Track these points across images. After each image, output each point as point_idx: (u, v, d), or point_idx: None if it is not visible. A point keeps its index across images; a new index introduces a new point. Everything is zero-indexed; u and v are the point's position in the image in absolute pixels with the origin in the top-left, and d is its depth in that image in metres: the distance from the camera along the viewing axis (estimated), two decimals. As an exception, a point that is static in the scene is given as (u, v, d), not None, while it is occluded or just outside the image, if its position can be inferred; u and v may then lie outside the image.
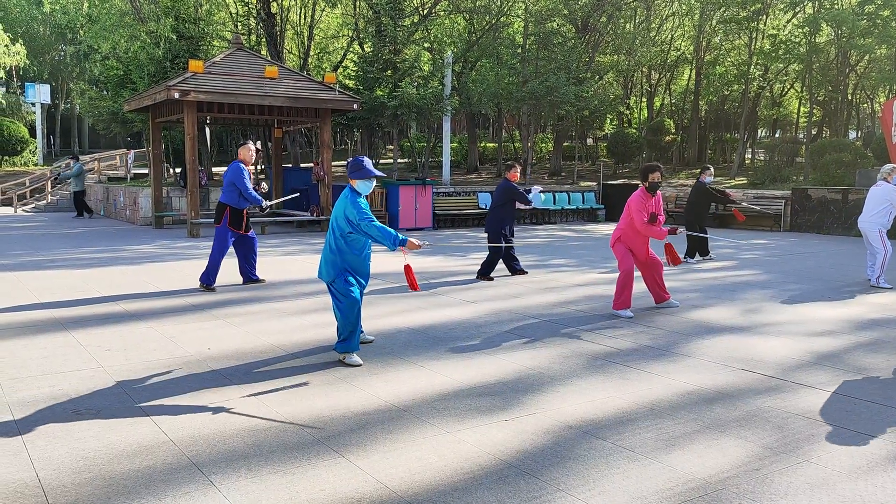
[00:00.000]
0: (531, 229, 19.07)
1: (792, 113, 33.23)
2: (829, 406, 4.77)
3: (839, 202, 17.83)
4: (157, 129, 18.52)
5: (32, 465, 3.69)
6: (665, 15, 31.64)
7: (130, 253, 12.68)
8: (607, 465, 3.77)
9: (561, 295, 8.90)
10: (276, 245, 14.43)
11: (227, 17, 26.54)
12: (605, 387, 5.13)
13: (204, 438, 4.07)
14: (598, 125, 33.37)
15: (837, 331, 7.04)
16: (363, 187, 5.74)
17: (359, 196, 5.74)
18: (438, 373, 5.44)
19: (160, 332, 6.65)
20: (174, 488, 3.44)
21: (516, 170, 10.14)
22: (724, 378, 5.38)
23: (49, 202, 25.54)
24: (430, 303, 8.28)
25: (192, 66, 15.80)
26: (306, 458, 3.81)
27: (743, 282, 10.10)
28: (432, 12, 24.83)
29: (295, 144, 26.85)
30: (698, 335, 6.78)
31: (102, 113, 25.38)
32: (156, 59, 19.78)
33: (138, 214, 19.02)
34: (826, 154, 21.09)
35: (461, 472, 3.67)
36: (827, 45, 24.66)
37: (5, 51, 37.13)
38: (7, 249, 13.09)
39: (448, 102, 21.51)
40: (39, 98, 37.79)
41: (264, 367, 5.56)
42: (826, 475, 3.68)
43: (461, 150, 32.42)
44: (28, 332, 6.57)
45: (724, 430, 4.29)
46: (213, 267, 8.92)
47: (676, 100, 35.17)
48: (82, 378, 5.19)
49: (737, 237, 16.91)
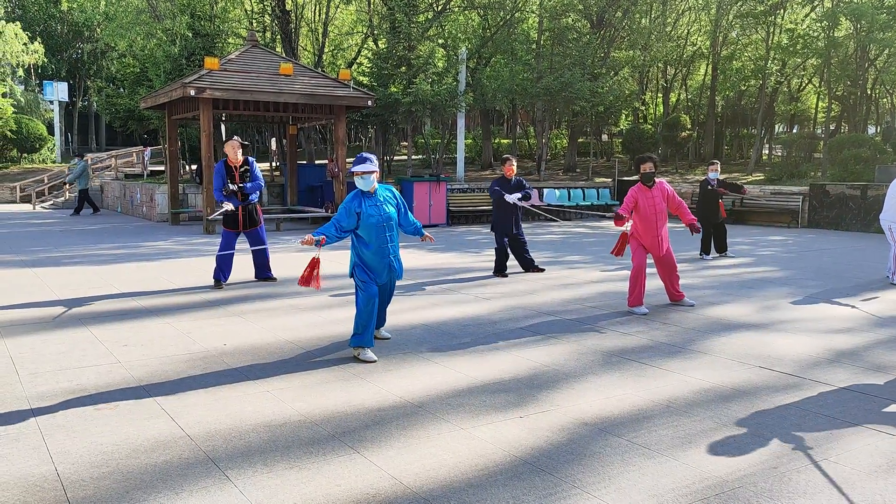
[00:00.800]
0: (546, 226, 19.01)
1: (810, 108, 32.88)
2: (848, 404, 4.72)
3: (858, 198, 17.63)
4: (173, 126, 18.64)
5: (51, 459, 3.73)
6: (681, 10, 31.37)
7: (147, 249, 12.78)
8: (623, 463, 3.75)
9: (576, 291, 8.87)
10: (292, 242, 14.48)
11: (243, 14, 26.63)
12: (620, 384, 5.10)
13: (220, 433, 4.09)
14: (614, 121, 33.13)
15: (856, 328, 6.96)
16: (360, 182, 5.70)
17: (362, 196, 5.70)
18: (453, 369, 5.44)
19: (176, 328, 6.69)
20: (191, 483, 3.47)
21: (511, 163, 9.97)
22: (741, 375, 5.34)
23: (67, 199, 25.79)
24: (445, 299, 8.28)
25: (207, 63, 15.88)
26: (321, 454, 3.82)
27: (760, 278, 10.02)
28: (446, 8, 24.78)
29: (309, 141, 26.94)
30: (715, 332, 6.73)
31: (119, 110, 25.60)
32: (172, 57, 19.90)
33: (155, 211, 19.16)
34: (844, 149, 20.86)
35: (476, 469, 3.66)
36: (846, 40, 24.36)
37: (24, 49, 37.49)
38: (26, 246, 13.24)
39: (462, 99, 21.48)
40: (57, 96, 38.13)
41: (279, 362, 5.59)
42: (845, 474, 3.64)
43: (475, 146, 32.36)
44: (46, 328, 6.64)
45: (741, 428, 4.25)
46: (217, 264, 8.93)
47: (692, 95, 34.90)
48: (100, 373, 5.23)
49: (754, 234, 16.78)
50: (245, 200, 9.01)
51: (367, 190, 5.71)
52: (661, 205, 7.64)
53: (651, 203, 7.59)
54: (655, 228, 7.64)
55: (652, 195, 7.61)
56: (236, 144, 8.90)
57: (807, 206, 18.75)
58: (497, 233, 10.17)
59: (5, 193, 27.89)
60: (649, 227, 7.63)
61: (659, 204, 7.62)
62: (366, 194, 5.72)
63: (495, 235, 10.23)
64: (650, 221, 7.60)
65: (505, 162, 10.01)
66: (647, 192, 7.61)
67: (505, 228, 10.09)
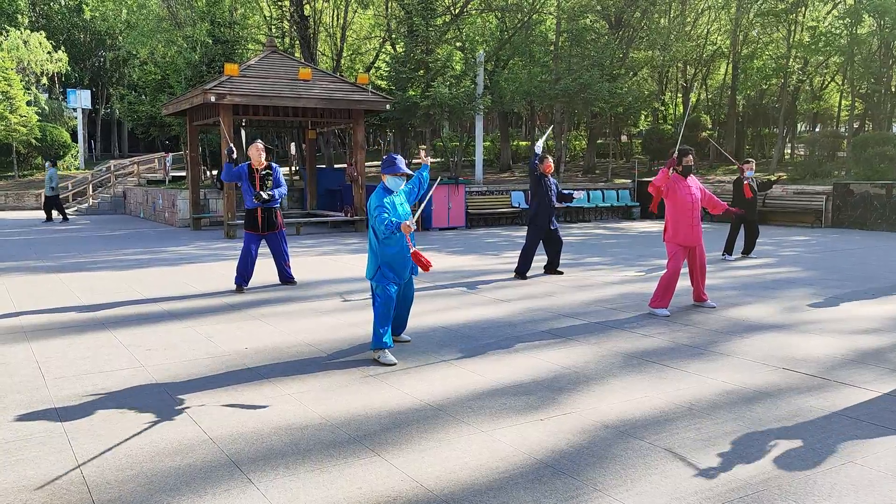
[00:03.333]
0: (566, 227, 18.94)
1: (833, 106, 32.46)
2: (874, 406, 4.65)
3: (883, 197, 17.37)
4: (194, 132, 18.83)
5: (77, 462, 3.78)
6: (700, 9, 31.14)
7: (169, 254, 12.91)
8: (645, 466, 3.72)
9: (596, 293, 8.82)
10: (312, 245, 14.56)
11: (262, 20, 26.87)
12: (641, 386, 5.07)
13: (242, 437, 4.12)
14: (633, 122, 32.96)
15: (882, 329, 6.86)
16: (392, 183, 5.75)
17: (390, 193, 5.75)
18: (473, 372, 5.43)
19: (198, 332, 6.76)
20: (214, 486, 3.50)
21: (549, 161, 10.10)
22: (764, 377, 5.28)
23: (91, 205, 26.14)
24: (464, 302, 8.28)
25: (227, 69, 16.03)
26: (342, 457, 3.84)
27: (783, 279, 9.90)
28: (464, 11, 24.81)
29: (328, 145, 27.08)
30: (737, 333, 6.67)
31: (141, 117, 25.90)
32: (192, 64, 20.12)
33: (176, 216, 19.36)
34: (869, 148, 20.56)
35: (497, 472, 3.65)
36: (869, 37, 24.03)
37: (48, 58, 38.12)
38: (50, 251, 13.44)
39: (480, 101, 21.48)
40: (80, 103, 38.70)
41: (300, 365, 5.62)
42: (871, 476, 3.59)
43: (493, 148, 32.34)
44: (71, 332, 6.73)
45: (765, 430, 4.20)
46: (238, 268, 8.98)
47: (713, 95, 34.60)
48: (124, 377, 5.30)
49: (777, 234, 16.59)
50: (265, 202, 8.95)
51: (397, 190, 5.80)
52: (697, 193, 7.71)
53: (688, 191, 7.62)
54: (691, 216, 7.61)
55: (688, 184, 7.65)
56: (260, 147, 8.91)
57: (830, 205, 18.51)
58: (535, 227, 10.03)
59: (31, 200, 28.33)
60: (685, 214, 7.59)
61: (696, 192, 7.68)
62: (389, 191, 5.76)
63: (530, 232, 10.08)
64: (687, 207, 7.58)
65: (543, 160, 10.06)
66: (684, 181, 7.64)
67: (544, 223, 10.02)
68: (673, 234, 7.65)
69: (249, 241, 9.02)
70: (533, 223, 10.08)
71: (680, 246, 7.65)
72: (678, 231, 7.62)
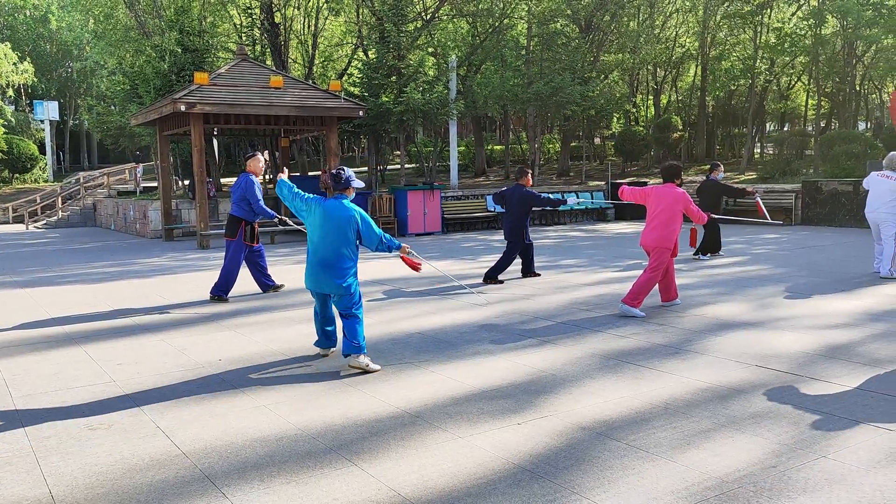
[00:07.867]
0: (541, 230, 19.01)
1: (800, 106, 33.03)
2: (846, 400, 4.71)
3: (850, 194, 17.67)
4: (165, 142, 18.62)
5: (45, 481, 3.69)
6: (668, 12, 31.53)
7: (141, 266, 12.74)
8: (622, 466, 3.73)
9: (572, 295, 8.86)
10: (286, 254, 14.45)
11: (232, 28, 26.66)
12: (618, 387, 5.08)
13: (216, 450, 4.06)
14: (605, 124, 33.22)
15: (852, 323, 6.97)
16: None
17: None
18: (450, 377, 5.41)
19: (171, 345, 6.66)
20: (187, 501, 3.43)
21: (529, 175, 10.18)
22: (738, 374, 5.33)
23: (60, 218, 25.73)
24: (440, 306, 8.26)
25: (197, 78, 15.88)
26: (318, 467, 3.80)
27: (755, 276, 10.02)
28: (435, 17, 24.84)
29: (302, 153, 26.95)
30: (711, 332, 6.73)
31: (110, 128, 25.61)
32: (161, 73, 19.89)
33: (148, 227, 19.12)
34: (835, 146, 20.94)
35: (475, 478, 3.64)
36: (833, 37, 24.49)
37: (13, 69, 37.48)
38: (19, 266, 13.18)
39: (454, 106, 21.51)
40: (48, 115, 38.13)
41: (275, 375, 5.56)
42: (844, 470, 3.63)
43: (468, 153, 32.40)
44: (40, 348, 6.60)
45: (739, 428, 4.24)
46: (227, 280, 8.90)
47: (683, 96, 35.02)
48: (94, 392, 5.20)
49: (747, 232, 16.80)
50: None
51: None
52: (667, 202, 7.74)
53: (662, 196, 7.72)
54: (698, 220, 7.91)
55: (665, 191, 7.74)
56: (262, 158, 9.09)
57: (800, 203, 18.79)
58: (516, 239, 10.03)
59: (-2, 214, 27.82)
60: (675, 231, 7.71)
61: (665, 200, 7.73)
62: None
63: (512, 243, 10.06)
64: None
65: (524, 174, 10.11)
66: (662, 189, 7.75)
67: (525, 235, 10.07)
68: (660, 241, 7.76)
69: (241, 251, 9.00)
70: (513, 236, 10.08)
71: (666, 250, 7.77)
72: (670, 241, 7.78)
